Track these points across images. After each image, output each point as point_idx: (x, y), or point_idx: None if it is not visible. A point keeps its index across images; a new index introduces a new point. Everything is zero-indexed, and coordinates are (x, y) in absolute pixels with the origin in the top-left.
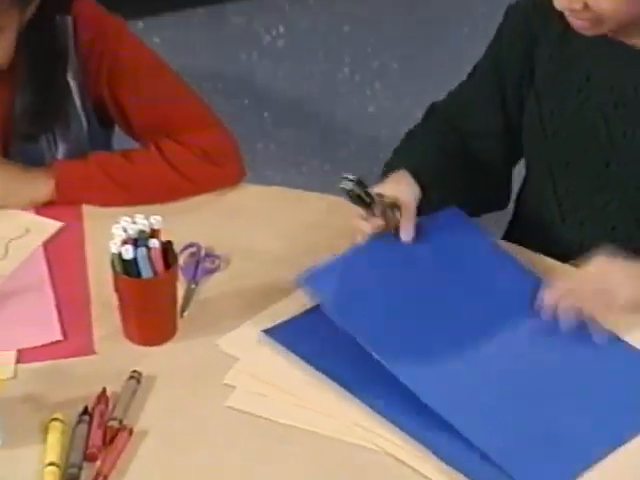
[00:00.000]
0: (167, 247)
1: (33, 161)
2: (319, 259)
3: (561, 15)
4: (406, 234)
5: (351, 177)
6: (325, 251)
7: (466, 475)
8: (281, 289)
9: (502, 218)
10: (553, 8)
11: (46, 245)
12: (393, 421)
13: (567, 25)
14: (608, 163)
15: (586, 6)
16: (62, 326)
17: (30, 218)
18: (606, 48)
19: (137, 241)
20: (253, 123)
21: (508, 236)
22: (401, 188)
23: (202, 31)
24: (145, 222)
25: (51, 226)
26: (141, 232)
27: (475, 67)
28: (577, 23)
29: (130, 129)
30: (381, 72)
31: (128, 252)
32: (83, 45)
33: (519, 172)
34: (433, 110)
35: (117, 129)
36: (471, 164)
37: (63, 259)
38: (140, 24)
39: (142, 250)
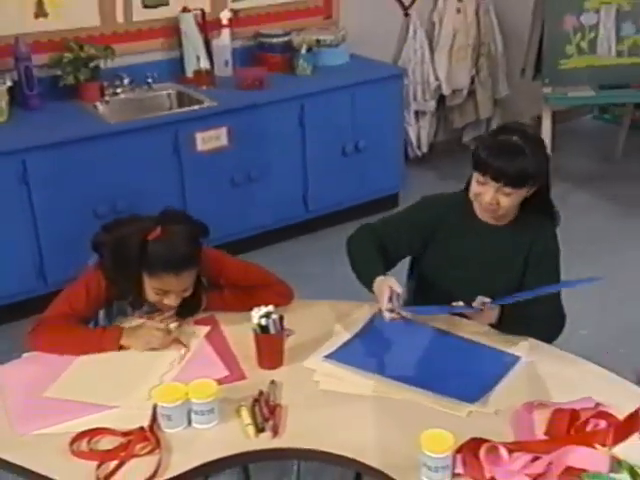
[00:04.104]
0: (281, 318)
1: None
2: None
3: (457, 214)
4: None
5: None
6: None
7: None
8: (326, 335)
9: None
10: (452, 207)
11: (206, 336)
12: (404, 382)
13: (461, 218)
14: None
15: (498, 203)
16: (227, 368)
17: (194, 326)
18: (478, 228)
19: (267, 316)
20: None
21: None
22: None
23: None
24: (266, 309)
25: (205, 328)
26: (268, 312)
27: (395, 219)
28: (487, 211)
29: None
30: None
31: (264, 321)
32: (204, 264)
33: None
34: (367, 229)
35: None
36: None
37: (215, 341)
38: None
39: (270, 320)
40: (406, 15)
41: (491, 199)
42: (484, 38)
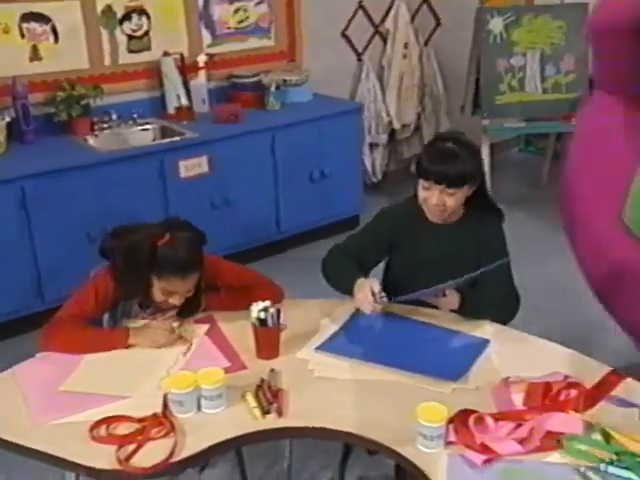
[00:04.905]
0: (279, 312)
1: None
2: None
3: (411, 220)
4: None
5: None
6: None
7: (430, 376)
8: (314, 330)
9: None
10: (406, 214)
11: (206, 333)
12: (389, 365)
13: (414, 223)
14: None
15: (444, 204)
16: (228, 359)
17: (195, 324)
18: (430, 230)
19: (265, 310)
20: None
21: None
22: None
23: None
24: (264, 303)
25: (205, 326)
26: (265, 306)
27: (360, 233)
28: (435, 213)
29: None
30: None
31: (263, 315)
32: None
33: None
34: (338, 248)
35: None
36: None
37: (215, 337)
38: None
39: (268, 314)
40: (359, 60)
41: (437, 201)
42: (427, 80)
